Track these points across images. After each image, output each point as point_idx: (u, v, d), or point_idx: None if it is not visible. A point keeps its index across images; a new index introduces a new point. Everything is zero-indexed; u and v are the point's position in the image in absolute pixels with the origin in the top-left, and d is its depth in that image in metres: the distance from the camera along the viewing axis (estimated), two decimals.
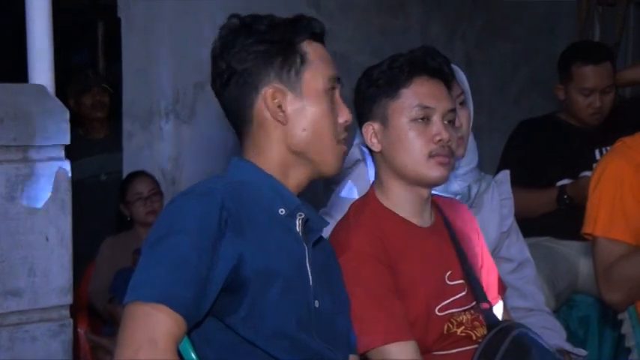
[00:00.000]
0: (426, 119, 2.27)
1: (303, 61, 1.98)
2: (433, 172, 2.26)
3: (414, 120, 2.26)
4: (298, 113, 1.97)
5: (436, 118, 2.27)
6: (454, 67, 2.62)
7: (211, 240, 1.81)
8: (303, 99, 1.97)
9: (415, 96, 2.27)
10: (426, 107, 2.26)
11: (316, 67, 1.99)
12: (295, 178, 2.00)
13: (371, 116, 2.32)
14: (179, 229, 1.82)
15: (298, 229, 1.97)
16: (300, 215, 1.96)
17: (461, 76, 2.64)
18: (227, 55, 1.95)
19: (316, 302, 1.96)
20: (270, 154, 1.98)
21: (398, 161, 2.29)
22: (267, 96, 1.95)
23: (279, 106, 1.96)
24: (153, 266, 1.80)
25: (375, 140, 2.31)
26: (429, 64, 2.29)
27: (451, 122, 2.30)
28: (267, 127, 1.97)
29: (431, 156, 2.26)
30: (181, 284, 1.77)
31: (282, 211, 1.95)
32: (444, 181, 2.30)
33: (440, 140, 2.25)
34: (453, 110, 2.31)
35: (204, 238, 1.81)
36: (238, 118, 1.99)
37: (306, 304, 1.94)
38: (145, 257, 1.84)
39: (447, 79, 2.32)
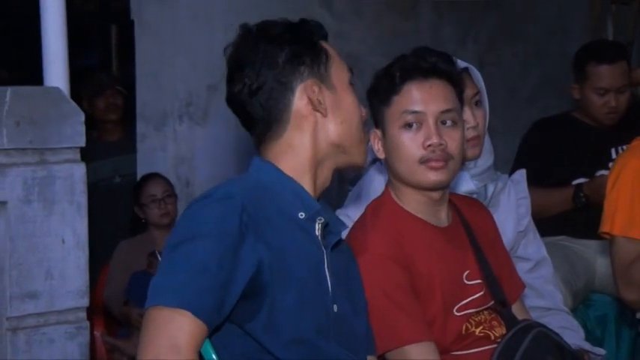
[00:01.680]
0: (417, 124, 2.24)
1: (327, 57, 2.00)
2: (426, 177, 2.25)
3: (405, 126, 2.25)
4: (335, 106, 1.98)
5: (429, 122, 2.24)
6: (469, 66, 2.60)
7: (232, 244, 1.80)
8: (337, 92, 2.00)
9: (404, 102, 2.25)
10: (415, 112, 2.24)
11: (338, 62, 2.03)
12: (323, 175, 2.00)
13: (375, 123, 2.32)
14: (200, 234, 1.81)
15: (317, 232, 1.96)
16: (320, 220, 1.96)
17: (476, 75, 2.63)
18: (253, 62, 1.94)
19: (335, 307, 1.95)
20: (302, 153, 1.97)
21: (397, 168, 2.29)
22: (309, 91, 1.95)
23: (319, 100, 1.96)
24: (174, 271, 1.80)
25: (380, 147, 2.31)
26: (421, 65, 2.26)
27: (453, 122, 2.27)
28: (304, 124, 1.96)
29: (422, 162, 2.24)
30: (203, 289, 1.77)
31: (301, 215, 1.94)
32: (441, 184, 2.27)
33: (429, 145, 2.23)
34: (451, 110, 2.26)
35: (224, 242, 1.80)
36: (269, 123, 1.96)
37: (324, 309, 1.93)
38: (165, 261, 1.84)
39: (447, 76, 2.28)
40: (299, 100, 1.96)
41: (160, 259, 4.01)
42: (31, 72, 3.16)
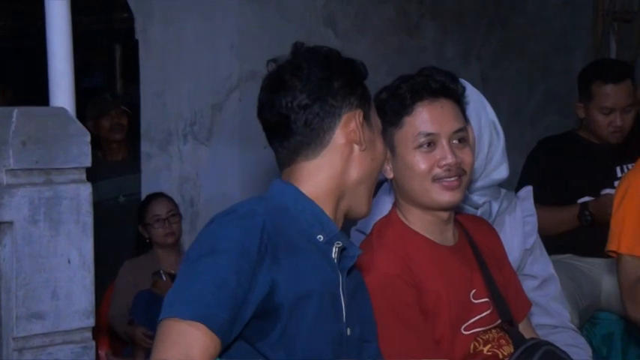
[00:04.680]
0: (431, 144, 2.26)
1: (370, 97, 2.04)
2: (441, 196, 2.26)
3: (419, 147, 2.26)
4: (371, 143, 2.01)
5: (442, 142, 2.26)
6: (464, 85, 2.58)
7: (251, 263, 1.81)
8: (374, 132, 2.03)
9: (417, 124, 2.26)
10: (429, 134, 2.26)
11: (374, 107, 2.06)
12: (339, 212, 2.00)
13: None
14: (220, 250, 1.82)
15: (334, 256, 1.96)
16: (338, 244, 1.96)
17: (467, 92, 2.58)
18: (308, 78, 1.95)
19: (348, 330, 1.96)
20: (328, 179, 1.97)
21: (408, 188, 2.30)
22: (357, 119, 1.97)
23: (362, 132, 1.98)
24: (192, 284, 1.80)
25: (387, 167, 2.31)
26: (431, 86, 2.28)
27: (462, 140, 2.29)
28: (341, 152, 1.97)
29: (435, 179, 2.25)
30: (220, 305, 1.77)
31: (320, 238, 1.94)
32: (454, 204, 2.29)
33: (445, 164, 2.25)
34: (461, 129, 2.29)
35: (244, 260, 1.81)
36: (308, 141, 1.96)
37: (338, 332, 1.94)
38: (183, 274, 1.84)
39: (454, 96, 2.31)
40: (342, 127, 1.97)
41: (164, 278, 4.04)
42: (37, 92, 3.17)
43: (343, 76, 1.97)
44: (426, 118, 2.26)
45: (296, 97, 1.95)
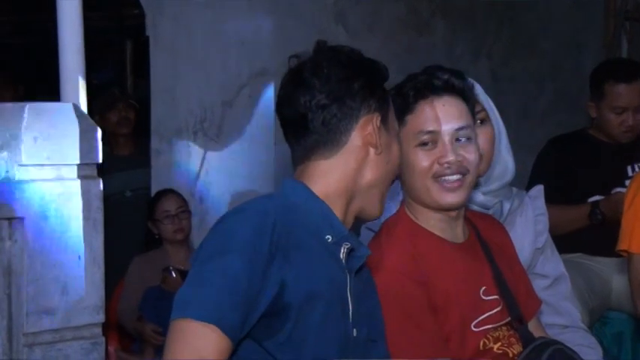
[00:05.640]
0: (433, 142, 2.26)
1: (389, 99, 2.04)
2: (442, 198, 2.25)
3: (420, 145, 2.26)
4: (388, 147, 2.01)
5: (444, 140, 2.25)
6: (472, 82, 2.57)
7: (262, 263, 1.81)
8: (391, 135, 2.02)
9: (419, 122, 2.26)
10: (430, 132, 2.25)
11: (392, 110, 2.06)
12: (350, 213, 2.00)
13: None
14: (232, 249, 1.81)
15: (342, 256, 1.96)
16: (346, 245, 1.96)
17: (479, 91, 2.58)
18: (328, 77, 1.95)
19: (355, 331, 1.96)
20: (341, 180, 1.97)
21: (411, 186, 2.29)
22: (375, 123, 1.96)
23: (379, 136, 1.98)
24: (204, 284, 1.80)
25: None
26: (434, 84, 2.27)
27: (467, 139, 2.27)
28: (356, 154, 1.97)
29: (436, 177, 2.25)
30: (232, 306, 1.77)
31: (329, 238, 1.94)
32: (458, 205, 2.28)
33: (445, 162, 2.24)
34: (465, 127, 2.28)
35: (255, 260, 1.80)
36: (324, 140, 1.96)
37: (345, 333, 1.94)
38: (195, 273, 1.83)
39: (460, 92, 2.30)
40: (360, 130, 1.97)
41: (173, 274, 4.05)
42: (49, 88, 3.18)
43: (363, 78, 1.96)
44: (427, 116, 2.26)
45: (315, 97, 1.94)
